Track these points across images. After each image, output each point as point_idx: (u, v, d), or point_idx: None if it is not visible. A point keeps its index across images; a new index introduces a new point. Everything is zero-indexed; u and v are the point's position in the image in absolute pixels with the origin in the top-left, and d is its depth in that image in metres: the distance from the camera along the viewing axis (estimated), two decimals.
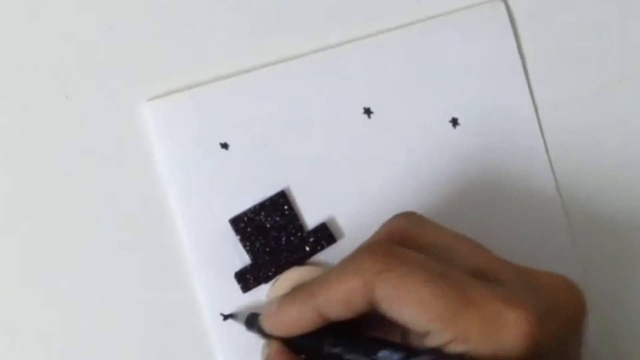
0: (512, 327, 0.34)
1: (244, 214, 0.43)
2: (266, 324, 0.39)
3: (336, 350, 0.37)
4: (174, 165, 0.43)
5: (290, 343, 0.39)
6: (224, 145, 0.43)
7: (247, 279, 0.42)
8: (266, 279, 0.43)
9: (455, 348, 0.34)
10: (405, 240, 0.38)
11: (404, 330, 0.38)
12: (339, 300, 0.37)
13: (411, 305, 0.35)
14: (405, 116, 0.44)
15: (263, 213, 0.43)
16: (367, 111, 0.44)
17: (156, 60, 0.43)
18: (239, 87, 0.43)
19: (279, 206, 0.43)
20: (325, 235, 0.43)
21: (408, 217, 0.39)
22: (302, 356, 0.39)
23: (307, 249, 0.43)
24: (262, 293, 0.43)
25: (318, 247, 0.43)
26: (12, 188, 0.43)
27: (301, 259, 0.43)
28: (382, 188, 0.43)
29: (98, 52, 0.43)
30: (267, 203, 0.43)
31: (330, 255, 0.43)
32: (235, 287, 0.43)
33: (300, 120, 0.43)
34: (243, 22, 0.44)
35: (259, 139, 0.43)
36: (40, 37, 0.43)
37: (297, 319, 0.38)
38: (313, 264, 0.43)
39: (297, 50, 0.44)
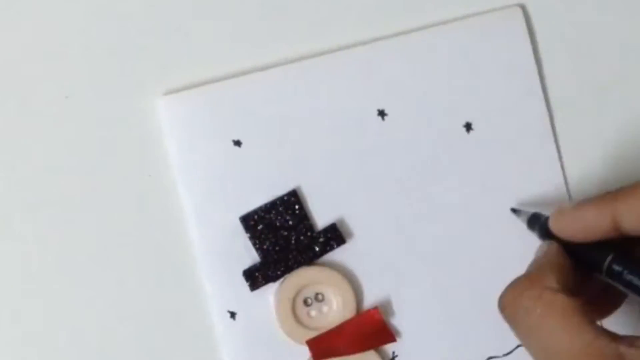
0: None
1: (255, 212, 0.43)
2: (556, 223, 0.38)
3: (617, 267, 0.36)
4: (186, 161, 0.43)
5: (569, 249, 0.38)
6: (237, 143, 0.43)
7: (255, 277, 0.42)
8: (275, 278, 0.42)
9: None
10: None
11: None
12: None
13: None
14: (419, 119, 0.44)
15: (274, 212, 0.43)
16: (381, 113, 0.43)
17: (171, 56, 0.43)
18: (254, 85, 0.43)
19: (290, 205, 0.43)
20: (335, 235, 0.43)
21: None
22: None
23: (317, 249, 0.43)
24: (270, 292, 0.43)
25: (327, 247, 0.43)
26: (22, 185, 0.43)
27: (310, 259, 0.43)
28: (393, 190, 0.43)
29: (113, 47, 0.43)
30: (278, 202, 0.43)
31: (339, 256, 0.43)
32: (244, 284, 0.42)
33: (313, 120, 0.43)
34: (260, 20, 0.44)
35: (272, 137, 0.43)
36: (60, 32, 0.43)
37: (591, 223, 0.37)
38: (322, 264, 0.43)
39: (313, 50, 0.43)
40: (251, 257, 0.43)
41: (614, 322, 0.41)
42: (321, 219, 0.43)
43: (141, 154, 0.43)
